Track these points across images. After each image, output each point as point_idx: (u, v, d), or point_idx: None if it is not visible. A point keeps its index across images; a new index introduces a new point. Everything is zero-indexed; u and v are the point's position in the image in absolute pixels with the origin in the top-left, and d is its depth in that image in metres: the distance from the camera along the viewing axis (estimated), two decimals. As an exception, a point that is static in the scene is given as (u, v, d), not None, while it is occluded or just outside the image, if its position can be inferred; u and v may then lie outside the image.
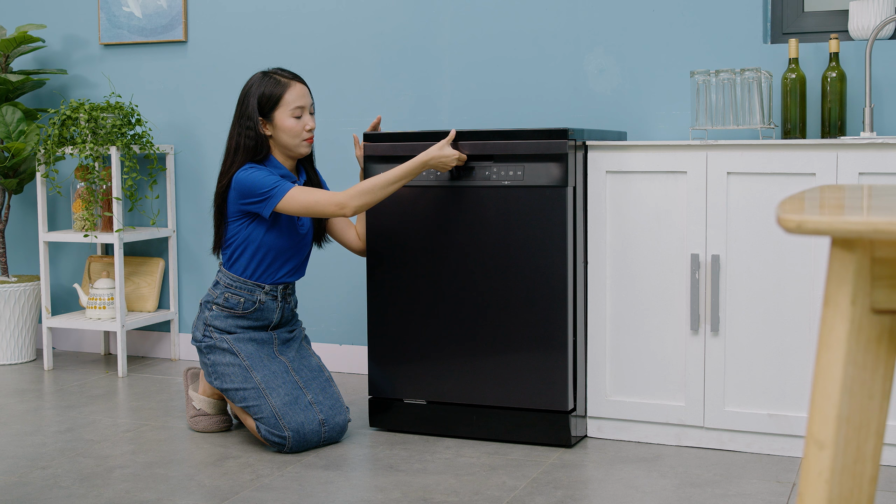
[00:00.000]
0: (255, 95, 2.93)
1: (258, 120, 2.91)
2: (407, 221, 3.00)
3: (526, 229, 2.86)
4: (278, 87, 2.93)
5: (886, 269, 1.00)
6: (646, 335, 2.88)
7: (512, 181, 2.88)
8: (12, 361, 4.10)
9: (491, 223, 2.91)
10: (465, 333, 2.94)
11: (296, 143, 2.94)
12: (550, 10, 3.51)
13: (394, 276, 3.02)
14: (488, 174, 2.91)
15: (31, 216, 4.38)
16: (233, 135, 2.95)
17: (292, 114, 2.92)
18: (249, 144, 2.90)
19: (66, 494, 2.51)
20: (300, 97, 2.94)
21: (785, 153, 2.70)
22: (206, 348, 2.96)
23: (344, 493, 2.52)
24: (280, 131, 2.92)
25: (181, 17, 4.05)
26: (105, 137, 3.82)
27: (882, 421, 1.03)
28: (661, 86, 3.36)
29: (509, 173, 2.89)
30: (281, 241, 2.95)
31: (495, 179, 2.90)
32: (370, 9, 3.78)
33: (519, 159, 3.12)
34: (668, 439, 2.88)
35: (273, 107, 2.92)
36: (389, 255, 3.03)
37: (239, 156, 2.91)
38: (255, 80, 2.97)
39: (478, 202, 2.92)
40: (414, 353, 3.01)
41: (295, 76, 2.98)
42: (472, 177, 2.93)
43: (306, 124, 2.94)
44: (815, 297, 2.69)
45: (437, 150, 2.85)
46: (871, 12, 3.06)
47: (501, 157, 3.13)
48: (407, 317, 3.01)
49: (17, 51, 4.10)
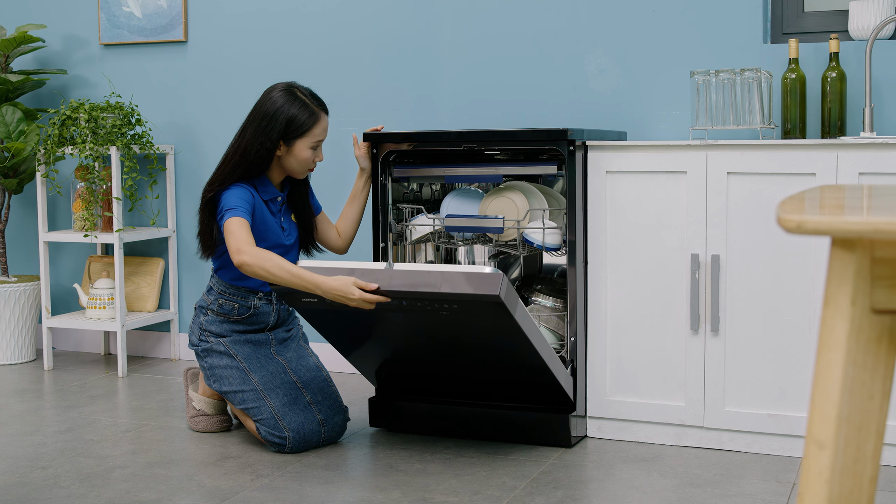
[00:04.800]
0: (285, 117, 2.82)
1: (279, 143, 2.84)
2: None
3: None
4: (311, 119, 2.84)
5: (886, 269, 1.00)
6: (646, 335, 2.88)
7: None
8: (12, 361, 4.10)
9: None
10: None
11: (301, 171, 2.90)
12: (551, 11, 3.51)
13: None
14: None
15: (31, 216, 4.38)
16: (248, 145, 2.83)
17: (312, 145, 2.87)
18: (259, 161, 2.84)
19: (66, 494, 2.51)
20: (324, 131, 2.89)
21: (785, 153, 2.70)
22: (203, 352, 2.96)
23: (344, 493, 2.52)
24: (293, 158, 2.86)
25: (181, 17, 4.05)
26: (105, 137, 3.82)
27: (882, 421, 1.03)
28: (661, 86, 3.36)
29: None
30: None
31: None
32: (370, 9, 3.78)
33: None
34: (668, 439, 2.88)
35: (299, 135, 2.84)
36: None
37: (244, 167, 2.83)
38: (284, 97, 2.84)
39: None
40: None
41: (324, 106, 2.90)
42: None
43: (317, 157, 2.91)
44: (815, 297, 2.69)
45: (341, 286, 2.52)
46: (871, 12, 3.06)
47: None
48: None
49: (17, 51, 4.10)
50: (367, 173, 3.10)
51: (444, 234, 3.14)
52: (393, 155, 3.09)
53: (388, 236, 3.10)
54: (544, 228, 2.93)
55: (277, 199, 2.94)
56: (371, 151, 3.08)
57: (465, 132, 2.95)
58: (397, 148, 3.07)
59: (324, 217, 3.12)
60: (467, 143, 2.95)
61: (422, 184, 3.34)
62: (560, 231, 2.95)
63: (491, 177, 3.06)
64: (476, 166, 3.07)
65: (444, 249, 3.44)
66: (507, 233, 3.01)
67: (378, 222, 3.09)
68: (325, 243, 3.12)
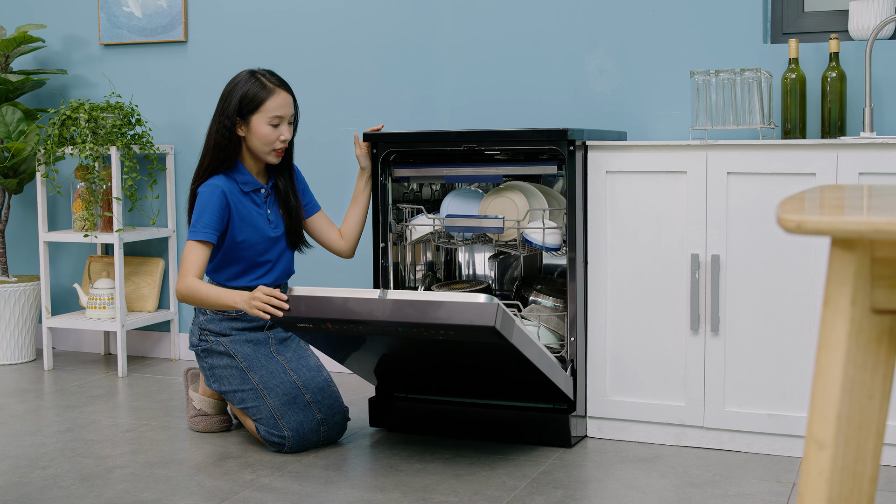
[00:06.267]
0: (238, 95, 2.87)
1: (236, 120, 2.88)
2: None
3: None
4: (262, 91, 2.87)
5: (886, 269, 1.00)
6: (646, 335, 2.88)
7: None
8: (12, 361, 4.10)
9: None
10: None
11: (265, 150, 2.89)
12: (550, 10, 3.51)
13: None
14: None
15: (31, 216, 4.38)
16: (211, 131, 2.91)
17: (270, 121, 2.87)
18: (222, 143, 2.87)
19: (66, 494, 2.51)
20: (282, 106, 2.88)
21: (785, 153, 2.70)
22: (203, 352, 2.96)
23: (344, 493, 2.52)
24: (253, 136, 2.88)
25: (181, 17, 4.05)
26: (105, 137, 3.82)
27: (882, 421, 1.03)
28: (661, 86, 3.36)
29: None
30: (252, 252, 2.93)
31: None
32: (370, 9, 3.78)
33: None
34: (668, 439, 2.88)
35: (253, 110, 2.86)
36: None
37: (210, 153, 2.88)
38: (242, 78, 2.91)
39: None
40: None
41: (282, 83, 2.92)
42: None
43: (281, 134, 2.89)
44: (815, 297, 2.69)
45: (243, 301, 2.68)
46: (871, 12, 3.06)
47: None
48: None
49: (17, 51, 4.10)
50: (368, 173, 3.10)
51: (444, 234, 3.14)
52: (393, 155, 3.09)
53: (388, 236, 3.10)
54: (544, 228, 2.93)
55: (261, 191, 2.94)
56: (371, 151, 3.08)
57: (465, 132, 2.95)
58: (397, 148, 3.07)
59: (323, 217, 3.11)
60: (467, 143, 2.95)
61: (422, 184, 3.34)
62: (560, 231, 2.95)
63: (491, 177, 3.06)
64: (476, 166, 3.07)
65: (444, 249, 3.44)
66: (507, 233, 3.01)
67: (378, 222, 3.09)
68: (326, 244, 3.12)
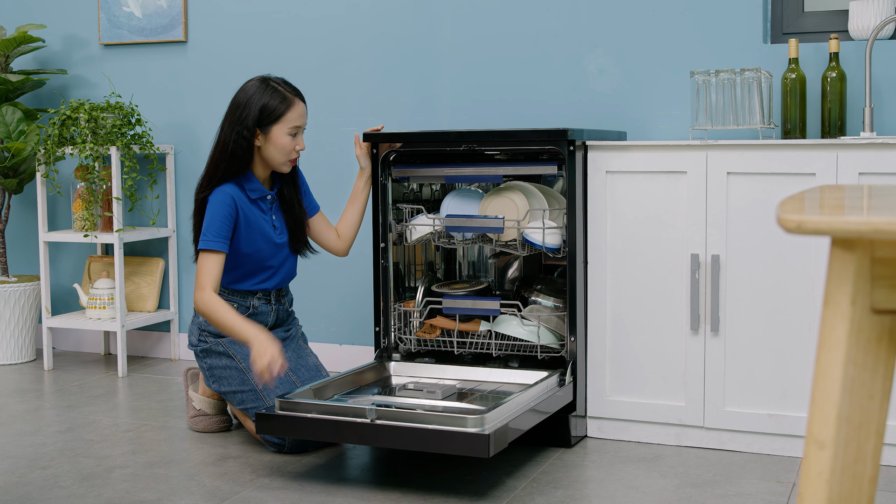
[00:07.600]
0: (258, 105, 2.84)
1: (255, 131, 2.86)
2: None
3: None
4: (283, 103, 2.86)
5: (886, 269, 1.00)
6: (646, 335, 2.88)
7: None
8: (12, 361, 4.10)
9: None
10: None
11: (281, 160, 2.89)
12: (550, 11, 3.51)
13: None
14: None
15: (31, 216, 4.38)
16: (225, 139, 2.87)
17: (289, 132, 2.87)
18: (239, 153, 2.85)
19: (66, 494, 2.51)
20: (301, 116, 2.89)
21: (785, 153, 2.70)
22: (203, 352, 2.96)
23: (344, 493, 2.52)
24: (272, 146, 2.87)
25: (181, 18, 4.05)
26: (105, 137, 3.82)
27: (882, 421, 1.03)
28: (661, 86, 3.36)
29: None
30: (257, 258, 2.93)
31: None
32: (371, 10, 3.78)
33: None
34: (668, 439, 2.88)
35: (274, 121, 2.85)
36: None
37: (226, 162, 2.85)
38: (257, 87, 2.88)
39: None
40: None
41: (297, 92, 2.91)
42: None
43: (298, 144, 2.90)
44: (816, 297, 2.69)
45: (257, 349, 2.64)
46: (871, 12, 3.06)
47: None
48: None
49: (17, 51, 4.10)
50: (368, 173, 3.10)
51: (444, 234, 3.14)
52: (393, 155, 3.09)
53: (387, 236, 3.10)
54: (544, 228, 2.93)
55: (267, 198, 2.94)
56: (371, 151, 3.08)
57: (465, 132, 2.95)
58: (397, 148, 3.07)
59: (322, 218, 3.11)
60: (467, 143, 2.95)
61: (422, 184, 3.34)
62: (560, 231, 2.95)
63: (491, 177, 3.05)
64: (476, 166, 3.07)
65: (444, 249, 3.43)
66: (507, 233, 3.00)
67: (378, 222, 3.09)
68: (324, 245, 3.12)
